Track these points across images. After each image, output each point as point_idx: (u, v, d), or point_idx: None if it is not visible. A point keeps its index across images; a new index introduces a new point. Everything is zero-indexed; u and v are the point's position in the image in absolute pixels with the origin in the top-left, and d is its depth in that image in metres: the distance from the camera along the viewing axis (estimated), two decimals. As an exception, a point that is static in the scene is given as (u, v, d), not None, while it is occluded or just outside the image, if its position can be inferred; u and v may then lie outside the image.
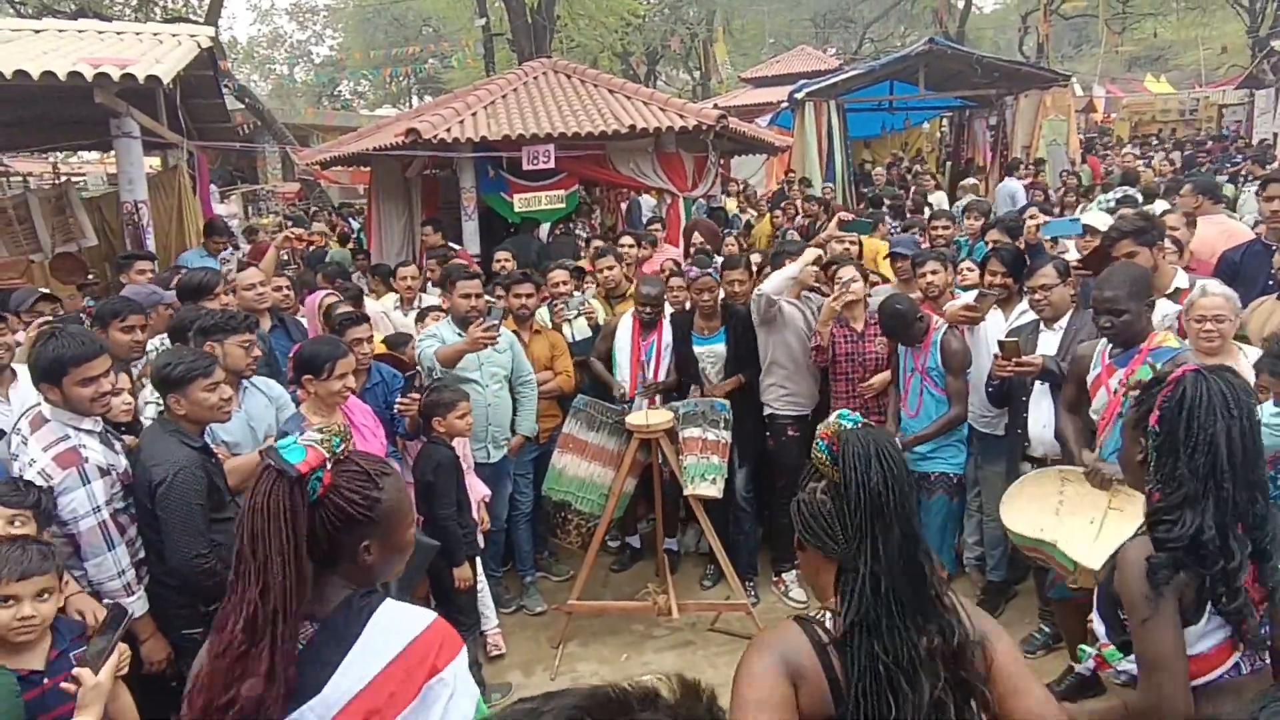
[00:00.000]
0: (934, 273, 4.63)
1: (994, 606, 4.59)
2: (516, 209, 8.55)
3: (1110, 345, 3.33)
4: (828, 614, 1.54)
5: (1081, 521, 3.09)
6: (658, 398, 4.89)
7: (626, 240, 6.41)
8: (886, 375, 4.39)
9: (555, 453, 4.66)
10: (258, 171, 22.03)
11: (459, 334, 4.51)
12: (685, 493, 4.29)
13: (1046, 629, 4.14)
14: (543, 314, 5.27)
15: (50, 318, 4.44)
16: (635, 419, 4.39)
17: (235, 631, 1.35)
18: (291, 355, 3.65)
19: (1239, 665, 1.85)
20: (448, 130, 8.22)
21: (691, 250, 6.01)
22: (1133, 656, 1.89)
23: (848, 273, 4.54)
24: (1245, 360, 3.17)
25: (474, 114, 8.75)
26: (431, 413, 4.02)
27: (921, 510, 4.15)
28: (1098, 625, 2.10)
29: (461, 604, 4.08)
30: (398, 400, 3.99)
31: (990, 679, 1.50)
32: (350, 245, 11.81)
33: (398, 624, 1.42)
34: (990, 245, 5.05)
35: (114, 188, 7.57)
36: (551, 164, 8.25)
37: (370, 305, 5.59)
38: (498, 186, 8.75)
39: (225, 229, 7.46)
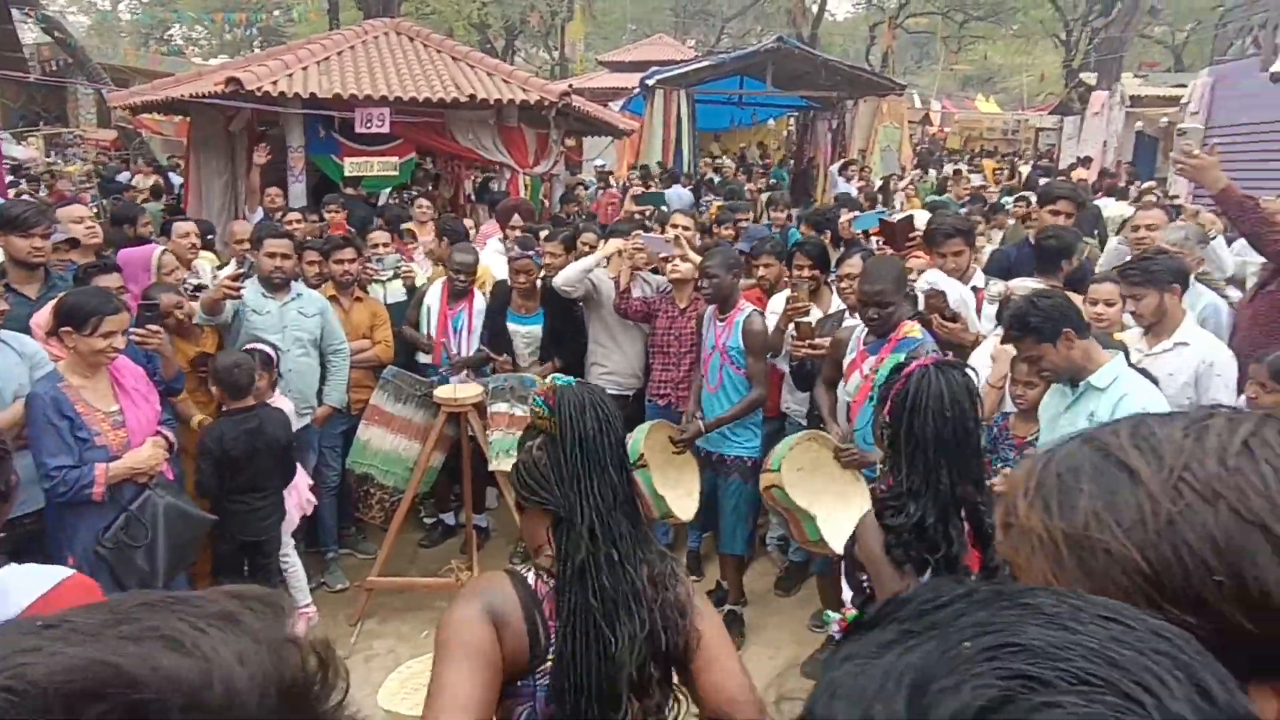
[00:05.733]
0: (767, 265, 4.78)
1: (790, 586, 4.80)
2: (346, 172, 8.17)
3: (865, 332, 3.54)
4: (532, 570, 1.58)
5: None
6: (466, 372, 4.80)
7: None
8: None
9: (361, 425, 4.52)
10: (68, 114, 20.02)
11: (264, 294, 4.37)
12: (490, 468, 4.24)
13: (837, 604, 4.39)
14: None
15: None
16: (443, 392, 4.29)
17: None
18: (53, 304, 3.32)
19: None
20: (274, 83, 7.73)
21: (509, 232, 5.94)
22: None
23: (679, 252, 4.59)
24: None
25: (305, 68, 8.27)
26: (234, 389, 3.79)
27: (718, 492, 4.27)
28: (845, 591, 2.25)
29: (264, 579, 3.89)
30: (132, 330, 3.50)
31: (697, 647, 1.56)
32: (167, 201, 10.90)
33: (22, 584, 1.29)
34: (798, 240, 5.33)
35: None
36: (386, 128, 7.93)
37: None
38: (328, 148, 8.33)
39: None
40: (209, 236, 6.58)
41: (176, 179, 12.99)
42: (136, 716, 0.43)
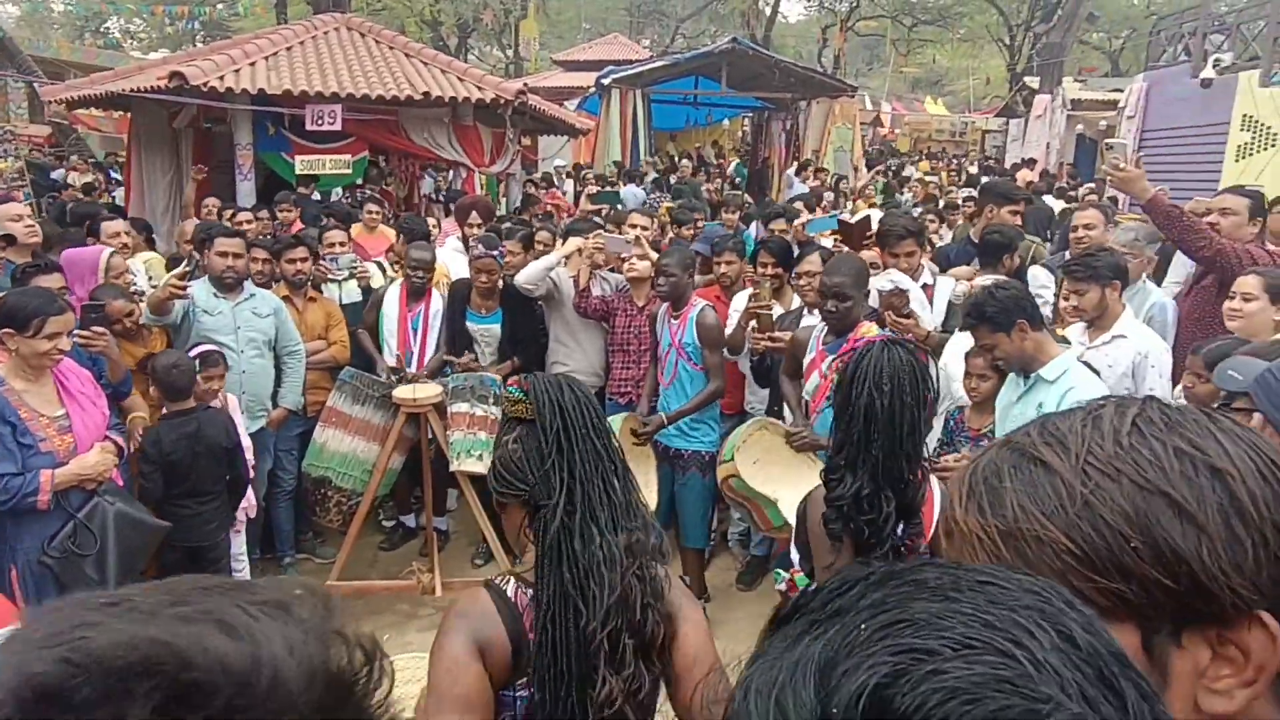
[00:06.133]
0: (729, 263, 4.80)
1: (751, 580, 4.84)
2: (298, 170, 8.01)
3: (825, 332, 3.57)
4: (511, 580, 1.56)
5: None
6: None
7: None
8: None
9: (317, 427, 4.45)
10: (-2, 108, 19.29)
11: (215, 294, 4.29)
12: (451, 468, 4.21)
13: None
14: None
15: None
16: (402, 393, 4.24)
17: None
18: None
19: None
20: (220, 78, 7.55)
21: (468, 230, 5.90)
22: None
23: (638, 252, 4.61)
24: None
25: (253, 64, 8.09)
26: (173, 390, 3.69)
27: (677, 487, 4.29)
28: (793, 553, 2.32)
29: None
30: (76, 333, 3.39)
31: (674, 638, 1.55)
32: (102, 197, 10.55)
33: None
34: (759, 239, 5.39)
35: None
36: (338, 126, 7.79)
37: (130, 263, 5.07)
38: (278, 145, 8.16)
39: None
40: (151, 236, 6.41)
41: (118, 176, 12.60)
42: (184, 695, 0.44)
